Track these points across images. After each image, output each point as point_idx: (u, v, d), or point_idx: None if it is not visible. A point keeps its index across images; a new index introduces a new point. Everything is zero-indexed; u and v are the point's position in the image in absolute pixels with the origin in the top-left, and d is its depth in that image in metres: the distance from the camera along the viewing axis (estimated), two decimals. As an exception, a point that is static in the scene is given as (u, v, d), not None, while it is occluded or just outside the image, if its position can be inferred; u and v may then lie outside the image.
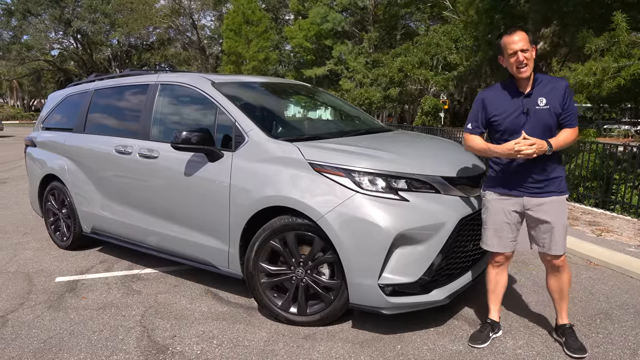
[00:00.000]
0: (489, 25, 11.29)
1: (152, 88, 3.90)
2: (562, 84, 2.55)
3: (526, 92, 2.57)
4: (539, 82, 2.57)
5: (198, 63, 43.05)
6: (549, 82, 2.57)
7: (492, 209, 2.74)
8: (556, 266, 2.68)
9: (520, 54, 2.48)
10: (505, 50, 2.54)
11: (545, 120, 2.52)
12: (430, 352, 2.70)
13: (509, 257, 2.81)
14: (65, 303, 3.43)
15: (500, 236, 2.73)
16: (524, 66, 2.49)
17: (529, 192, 2.62)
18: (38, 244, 4.92)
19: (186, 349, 2.75)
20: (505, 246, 2.74)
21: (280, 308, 3.04)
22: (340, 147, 3.04)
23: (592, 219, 5.75)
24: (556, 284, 2.73)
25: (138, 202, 3.81)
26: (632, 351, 2.72)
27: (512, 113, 2.58)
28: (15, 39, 40.31)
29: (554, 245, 2.61)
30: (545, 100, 2.52)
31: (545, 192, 2.59)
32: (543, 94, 2.53)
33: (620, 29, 6.20)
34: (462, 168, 3.08)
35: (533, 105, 2.53)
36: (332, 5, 27.06)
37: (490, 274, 2.87)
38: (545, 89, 2.55)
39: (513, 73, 2.56)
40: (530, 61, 2.50)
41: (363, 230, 2.65)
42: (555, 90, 2.53)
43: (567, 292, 2.75)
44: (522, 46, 2.47)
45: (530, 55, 2.50)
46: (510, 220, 2.69)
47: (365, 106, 22.24)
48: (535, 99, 2.54)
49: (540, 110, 2.52)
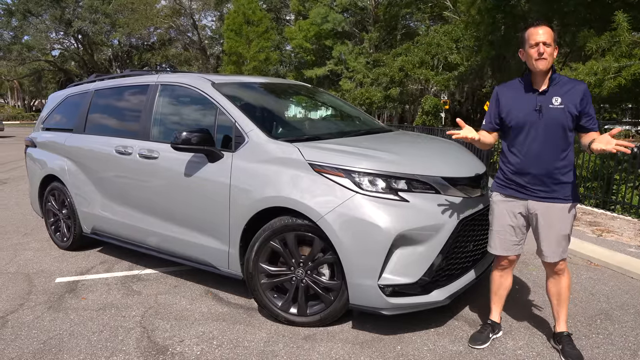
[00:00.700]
0: (490, 25, 11.28)
1: (152, 88, 3.90)
2: (581, 86, 2.48)
3: (541, 89, 2.51)
4: (557, 82, 2.51)
5: (199, 63, 43.09)
6: (567, 83, 2.51)
7: (497, 210, 2.70)
8: (554, 271, 2.65)
9: (542, 46, 2.42)
10: (527, 40, 2.48)
11: (558, 119, 2.46)
12: (430, 352, 2.70)
13: (513, 261, 2.78)
14: (65, 304, 3.43)
15: (503, 239, 2.69)
16: (543, 58, 2.43)
17: (534, 195, 2.57)
18: (38, 244, 4.93)
19: (186, 350, 2.75)
20: (508, 249, 2.70)
21: (280, 309, 3.04)
22: (340, 147, 3.04)
23: (592, 219, 5.75)
24: (554, 288, 2.69)
25: (138, 203, 3.81)
26: (632, 352, 2.72)
27: (524, 109, 2.53)
28: (16, 39, 40.33)
29: (550, 252, 2.58)
30: (560, 100, 2.46)
31: (551, 197, 2.54)
32: (559, 94, 2.47)
33: (622, 28, 6.19)
34: (463, 168, 3.08)
35: (547, 103, 2.48)
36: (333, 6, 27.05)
37: (494, 276, 2.85)
38: (562, 89, 2.49)
39: (531, 65, 2.49)
40: (550, 57, 2.44)
41: (363, 231, 2.65)
42: (573, 92, 2.46)
43: (567, 299, 2.68)
44: (544, 39, 2.42)
45: (552, 51, 2.45)
46: (515, 223, 2.65)
47: (366, 106, 22.23)
48: (550, 97, 2.48)
49: (554, 109, 2.46)
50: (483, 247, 3.10)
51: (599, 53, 6.71)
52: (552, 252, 2.58)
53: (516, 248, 2.71)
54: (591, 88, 6.55)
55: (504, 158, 2.67)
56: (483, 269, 3.16)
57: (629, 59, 6.27)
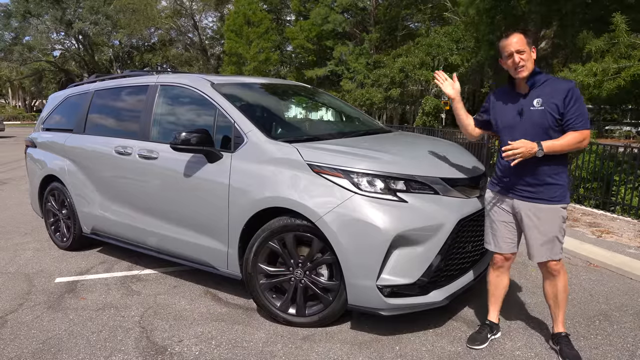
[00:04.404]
0: (489, 26, 11.29)
1: (151, 89, 3.90)
2: (564, 85, 2.47)
3: (524, 92, 2.57)
4: (541, 83, 2.53)
5: (199, 64, 43.11)
6: (551, 83, 2.52)
7: (490, 207, 2.77)
8: (549, 272, 2.64)
9: (516, 56, 2.49)
10: (502, 52, 2.58)
11: (538, 121, 2.48)
12: (428, 353, 2.70)
13: (508, 259, 2.79)
14: (65, 304, 3.44)
15: (496, 235, 2.74)
16: (521, 67, 2.49)
17: (519, 195, 2.60)
18: (38, 244, 4.93)
19: (185, 350, 2.76)
20: (501, 247, 2.73)
21: (279, 309, 3.04)
22: (339, 148, 3.05)
23: (592, 220, 5.75)
24: (550, 290, 2.68)
25: (138, 203, 3.82)
26: (631, 352, 2.72)
27: (510, 113, 2.61)
28: (17, 40, 40.36)
29: (534, 251, 2.59)
30: (541, 101, 2.49)
31: (535, 198, 2.55)
32: (541, 95, 2.50)
33: (620, 30, 6.20)
34: (462, 169, 3.08)
35: (529, 105, 2.53)
36: (333, 7, 27.05)
37: (490, 276, 2.87)
38: (545, 90, 2.50)
39: (512, 74, 2.59)
40: (527, 62, 2.49)
41: (361, 232, 2.66)
42: (556, 92, 2.47)
43: (564, 300, 2.68)
44: (518, 47, 2.48)
45: (528, 56, 2.50)
46: (507, 220, 2.69)
47: (366, 107, 22.23)
48: (531, 99, 2.53)
49: (535, 111, 2.50)
50: (481, 248, 3.10)
51: (599, 54, 6.72)
52: (536, 251, 2.59)
53: (511, 245, 2.73)
54: (591, 89, 6.56)
55: (498, 159, 2.74)
56: (481, 270, 3.16)
57: (628, 60, 6.28)
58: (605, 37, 6.58)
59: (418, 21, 27.62)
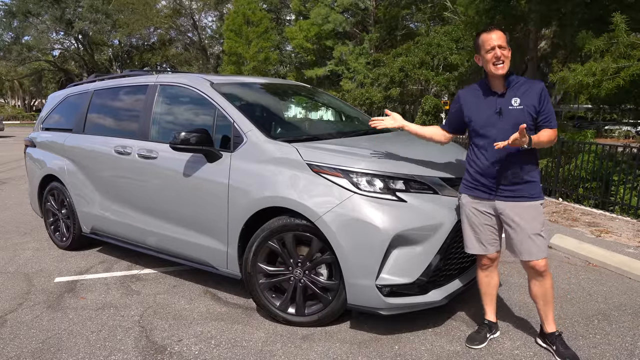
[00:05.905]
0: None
1: (151, 89, 3.91)
2: (538, 86, 2.55)
3: (500, 92, 2.57)
4: (515, 84, 2.57)
5: (199, 63, 43.09)
6: (524, 84, 2.57)
7: (467, 211, 2.71)
8: (537, 271, 2.61)
9: (498, 50, 2.49)
10: (483, 46, 2.55)
11: (518, 119, 2.49)
12: (427, 352, 2.71)
13: (494, 259, 2.78)
14: (64, 303, 3.44)
15: (479, 238, 2.70)
16: (501, 63, 2.50)
17: (500, 195, 2.59)
18: (38, 244, 4.93)
19: (184, 349, 2.76)
20: (488, 249, 2.72)
21: (279, 308, 3.04)
22: (338, 148, 3.05)
23: (591, 220, 5.76)
24: (539, 289, 2.65)
25: (137, 203, 3.82)
26: (629, 352, 2.73)
27: (486, 112, 2.59)
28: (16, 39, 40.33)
29: (524, 249, 2.57)
30: (519, 101, 2.52)
31: (516, 196, 2.56)
32: (517, 95, 2.53)
33: (619, 30, 6.21)
34: (461, 169, 3.08)
35: (507, 105, 2.54)
36: (333, 6, 27.06)
37: (480, 277, 2.86)
38: (520, 90, 2.55)
39: (489, 70, 2.56)
40: (506, 59, 2.51)
41: (361, 231, 2.66)
42: (530, 92, 2.52)
43: (552, 297, 2.66)
44: (500, 42, 2.49)
45: (507, 54, 2.52)
46: (488, 222, 2.67)
47: (366, 106, 22.24)
48: (509, 99, 2.54)
49: (514, 110, 2.52)
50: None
51: (598, 54, 6.72)
52: (526, 250, 2.57)
53: (495, 245, 2.72)
54: (590, 89, 6.57)
55: (469, 160, 2.70)
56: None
57: (627, 59, 6.29)
58: (604, 36, 6.58)
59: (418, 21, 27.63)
